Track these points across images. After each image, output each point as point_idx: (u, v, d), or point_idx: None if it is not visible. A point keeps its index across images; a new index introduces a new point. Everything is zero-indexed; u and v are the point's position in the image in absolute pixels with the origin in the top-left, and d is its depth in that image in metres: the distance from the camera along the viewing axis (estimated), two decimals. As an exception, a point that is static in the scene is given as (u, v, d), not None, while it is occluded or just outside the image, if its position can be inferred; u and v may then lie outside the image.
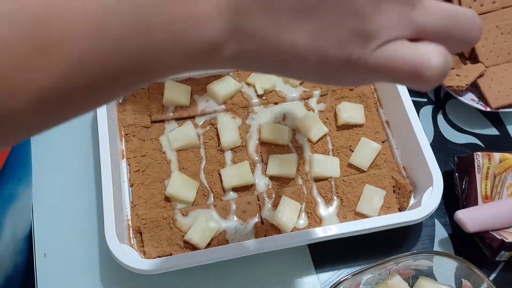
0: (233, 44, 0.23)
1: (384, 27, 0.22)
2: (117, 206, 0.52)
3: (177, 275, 0.53)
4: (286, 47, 0.23)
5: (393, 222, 0.52)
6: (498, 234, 0.54)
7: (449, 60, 0.24)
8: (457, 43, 0.25)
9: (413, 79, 0.23)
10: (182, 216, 0.55)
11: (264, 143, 0.60)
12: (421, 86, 0.24)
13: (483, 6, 0.69)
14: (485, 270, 0.49)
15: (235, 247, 0.51)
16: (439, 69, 0.23)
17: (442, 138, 0.66)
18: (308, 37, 0.22)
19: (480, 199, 0.57)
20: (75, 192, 0.59)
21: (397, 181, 0.58)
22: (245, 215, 0.55)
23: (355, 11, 0.22)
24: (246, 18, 0.22)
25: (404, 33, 0.23)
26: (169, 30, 0.21)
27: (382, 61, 0.23)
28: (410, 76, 0.23)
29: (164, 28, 0.21)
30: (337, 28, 0.22)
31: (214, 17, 0.22)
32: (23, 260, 0.64)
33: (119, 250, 0.49)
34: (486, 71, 0.66)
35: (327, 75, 0.24)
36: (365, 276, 0.49)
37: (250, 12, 0.22)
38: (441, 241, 0.58)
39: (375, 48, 0.22)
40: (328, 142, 0.61)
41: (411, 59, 0.23)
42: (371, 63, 0.23)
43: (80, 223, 0.57)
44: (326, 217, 0.56)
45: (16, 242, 0.62)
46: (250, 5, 0.22)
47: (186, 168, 0.59)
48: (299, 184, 0.58)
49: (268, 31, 0.22)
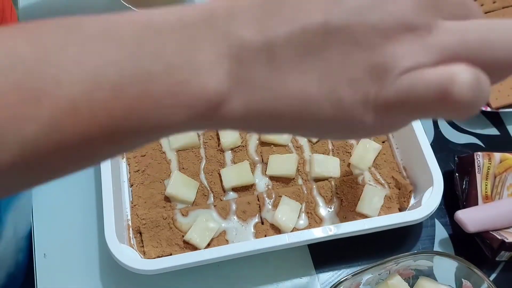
0: (239, 98, 0.21)
1: (399, 56, 0.20)
2: (117, 206, 0.52)
3: (177, 275, 0.53)
4: (294, 96, 0.21)
5: (393, 222, 0.52)
6: (498, 234, 0.54)
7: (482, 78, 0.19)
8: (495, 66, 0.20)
9: (441, 103, 0.19)
10: (182, 216, 0.55)
11: (264, 143, 0.60)
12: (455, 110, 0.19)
13: (483, 6, 0.68)
14: (485, 270, 0.49)
15: (235, 247, 0.51)
16: (469, 84, 0.19)
17: (442, 138, 0.66)
18: (317, 81, 0.20)
19: (480, 199, 0.57)
20: (75, 192, 0.59)
21: (397, 181, 0.58)
22: (245, 215, 0.55)
23: (363, 46, 0.20)
24: (249, 69, 0.21)
25: (424, 59, 0.20)
26: (169, 79, 0.20)
27: (402, 92, 0.20)
28: (436, 100, 0.19)
29: (164, 77, 0.20)
30: (346, 66, 0.20)
31: (216, 66, 0.20)
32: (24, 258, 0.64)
33: (119, 250, 0.49)
34: (486, 71, 0.66)
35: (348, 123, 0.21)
36: (365, 276, 0.49)
37: (252, 62, 0.21)
38: (441, 241, 0.58)
39: (393, 80, 0.20)
40: (328, 142, 0.61)
41: (434, 80, 0.19)
42: (391, 98, 0.20)
43: (80, 223, 0.57)
44: (326, 217, 0.56)
45: (17, 240, 0.62)
46: (253, 55, 0.20)
47: (186, 168, 0.58)
48: (299, 184, 0.58)
49: (274, 81, 0.21)
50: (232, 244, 0.52)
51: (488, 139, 0.66)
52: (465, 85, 0.19)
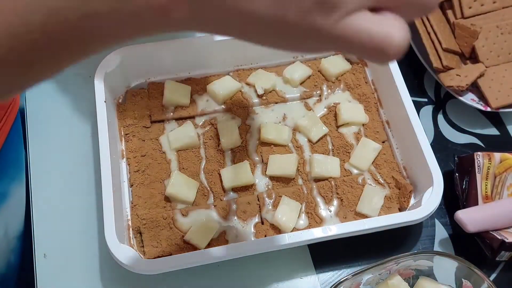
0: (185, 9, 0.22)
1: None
2: (117, 206, 0.52)
3: (177, 275, 0.53)
4: (245, 14, 0.22)
5: (393, 222, 0.52)
6: (498, 234, 0.54)
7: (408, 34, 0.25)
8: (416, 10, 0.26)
9: (376, 55, 0.24)
10: (182, 216, 0.55)
11: (264, 143, 0.60)
12: (382, 61, 0.25)
13: (484, 6, 0.68)
14: (485, 270, 0.49)
15: (235, 247, 0.51)
16: (401, 46, 0.24)
17: (442, 138, 0.66)
18: (269, 5, 0.22)
19: (480, 199, 0.57)
20: (75, 192, 0.59)
21: (397, 181, 0.58)
22: (245, 215, 0.55)
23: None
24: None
25: (367, 3, 0.23)
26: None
27: (348, 33, 0.23)
28: (374, 52, 0.24)
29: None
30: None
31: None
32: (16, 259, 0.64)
33: (119, 250, 0.49)
34: (486, 71, 0.66)
35: (289, 42, 0.24)
36: (365, 276, 0.49)
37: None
38: (441, 241, 0.58)
39: (338, 18, 0.23)
40: (328, 142, 0.61)
41: (376, 36, 0.23)
42: (336, 33, 0.23)
43: (80, 223, 0.57)
44: (326, 217, 0.56)
45: (9, 240, 0.62)
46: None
47: (186, 168, 0.58)
48: (299, 184, 0.58)
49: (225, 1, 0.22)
50: (232, 244, 0.52)
51: (488, 139, 0.66)
52: (399, 46, 0.24)
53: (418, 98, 0.69)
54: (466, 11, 0.68)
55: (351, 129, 0.62)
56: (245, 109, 0.63)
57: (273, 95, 0.64)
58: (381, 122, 0.63)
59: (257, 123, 0.62)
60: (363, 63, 0.67)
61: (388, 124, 0.63)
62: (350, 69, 0.66)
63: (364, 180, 0.58)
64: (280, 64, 0.67)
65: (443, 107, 0.68)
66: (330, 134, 0.61)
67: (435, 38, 0.67)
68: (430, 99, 0.69)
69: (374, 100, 0.64)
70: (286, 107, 0.63)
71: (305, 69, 0.65)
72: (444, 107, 0.68)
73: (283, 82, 0.65)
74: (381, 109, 0.64)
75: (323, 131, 0.61)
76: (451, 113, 0.68)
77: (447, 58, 0.66)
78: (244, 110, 0.63)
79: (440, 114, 0.68)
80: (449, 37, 0.68)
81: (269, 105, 0.64)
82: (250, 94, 0.64)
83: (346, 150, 0.60)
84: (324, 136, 0.61)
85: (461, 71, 0.66)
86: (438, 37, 0.67)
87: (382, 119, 0.63)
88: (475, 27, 0.66)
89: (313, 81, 0.65)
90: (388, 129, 0.63)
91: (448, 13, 0.70)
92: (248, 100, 0.63)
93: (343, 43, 0.24)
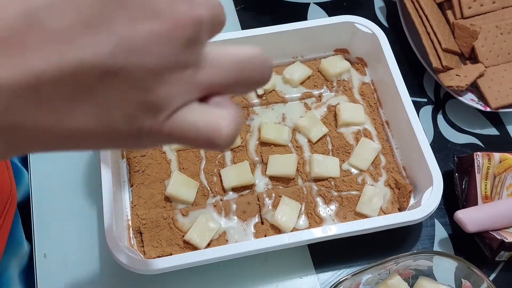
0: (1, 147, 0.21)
1: (171, 96, 0.22)
2: (117, 206, 0.52)
3: (177, 275, 0.53)
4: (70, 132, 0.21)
5: (393, 222, 0.52)
6: (498, 234, 0.54)
7: (239, 123, 0.25)
8: (249, 88, 0.26)
9: (206, 146, 0.24)
10: (182, 216, 0.55)
11: (264, 143, 0.60)
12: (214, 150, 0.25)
13: (483, 6, 0.69)
14: (485, 270, 0.49)
15: (235, 247, 0.51)
16: (230, 137, 0.24)
17: (442, 138, 0.66)
18: (94, 117, 0.21)
19: (480, 199, 0.57)
20: (75, 192, 0.59)
21: (397, 181, 0.58)
22: (245, 215, 0.55)
23: (137, 86, 0.21)
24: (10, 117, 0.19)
25: (193, 96, 0.23)
26: None
27: (176, 131, 0.23)
28: (204, 144, 0.24)
29: None
30: (122, 104, 0.21)
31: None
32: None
33: (119, 250, 0.49)
34: (486, 71, 0.66)
35: (121, 145, 0.24)
36: (365, 276, 0.49)
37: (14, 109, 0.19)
38: (441, 241, 0.58)
39: (166, 117, 0.22)
40: (328, 142, 0.61)
41: (204, 130, 0.24)
42: (165, 132, 0.23)
43: (80, 223, 0.57)
44: (326, 217, 0.56)
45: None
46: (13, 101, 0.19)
47: (186, 168, 0.59)
48: (299, 184, 0.58)
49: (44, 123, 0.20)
50: (232, 244, 0.52)
51: (487, 139, 0.66)
52: (228, 137, 0.24)
53: (418, 98, 0.69)
54: (466, 11, 0.68)
55: (350, 129, 0.62)
56: (245, 109, 0.63)
57: (273, 95, 0.64)
58: (381, 122, 0.63)
59: (257, 123, 0.62)
60: (362, 63, 0.67)
61: (387, 124, 0.63)
62: (350, 69, 0.66)
63: (363, 180, 0.58)
64: (280, 64, 0.67)
65: (442, 107, 0.68)
66: (329, 134, 0.61)
67: (434, 38, 0.67)
68: (430, 99, 0.69)
69: (374, 100, 0.64)
70: (286, 107, 0.63)
71: (305, 69, 0.65)
72: (444, 107, 0.68)
73: (283, 82, 0.65)
74: (381, 109, 0.64)
75: (323, 131, 0.61)
76: (450, 113, 0.68)
77: (447, 58, 0.66)
78: (244, 110, 0.63)
79: (439, 114, 0.68)
80: (449, 37, 0.68)
81: (269, 105, 0.64)
82: (250, 94, 0.64)
83: (346, 150, 0.60)
84: (324, 136, 0.61)
85: (460, 71, 0.66)
86: (438, 37, 0.67)
87: (381, 119, 0.63)
88: (475, 27, 0.66)
89: (313, 81, 0.65)
90: (388, 129, 0.63)
91: (448, 13, 0.70)
92: (248, 100, 0.63)
93: (175, 140, 0.24)
